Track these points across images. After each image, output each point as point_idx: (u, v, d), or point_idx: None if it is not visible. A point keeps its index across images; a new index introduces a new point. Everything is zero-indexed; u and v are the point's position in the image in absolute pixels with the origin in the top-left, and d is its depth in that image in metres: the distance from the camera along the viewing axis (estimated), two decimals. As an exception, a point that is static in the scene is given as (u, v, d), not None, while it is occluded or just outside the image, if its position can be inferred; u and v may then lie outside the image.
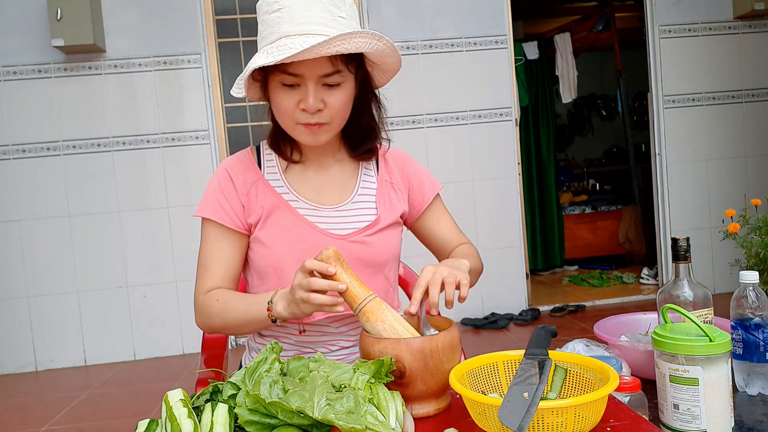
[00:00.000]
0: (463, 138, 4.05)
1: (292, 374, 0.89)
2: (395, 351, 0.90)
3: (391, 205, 1.29)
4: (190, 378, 3.33)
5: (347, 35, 1.05)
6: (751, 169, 4.27)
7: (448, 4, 3.98)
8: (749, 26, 4.22)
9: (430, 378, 0.91)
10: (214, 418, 0.79)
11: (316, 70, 1.10)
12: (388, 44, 1.12)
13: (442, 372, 0.91)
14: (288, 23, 1.08)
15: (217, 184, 1.26)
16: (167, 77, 3.80)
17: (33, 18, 3.66)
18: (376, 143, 1.31)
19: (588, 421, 0.78)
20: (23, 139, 3.72)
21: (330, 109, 1.14)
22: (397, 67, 1.22)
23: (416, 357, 0.90)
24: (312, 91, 1.11)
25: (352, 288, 0.99)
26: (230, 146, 3.94)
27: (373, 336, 0.96)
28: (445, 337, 0.92)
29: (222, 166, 1.28)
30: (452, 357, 0.92)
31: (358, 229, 1.24)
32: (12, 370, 3.75)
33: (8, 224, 3.73)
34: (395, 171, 1.34)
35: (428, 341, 0.91)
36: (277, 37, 1.09)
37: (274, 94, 1.15)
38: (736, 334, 1.03)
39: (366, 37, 1.08)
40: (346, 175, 1.29)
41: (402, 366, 0.90)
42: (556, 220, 5.38)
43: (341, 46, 1.06)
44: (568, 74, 5.22)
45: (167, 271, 3.85)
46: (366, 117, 1.26)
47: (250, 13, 4.00)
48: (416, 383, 0.91)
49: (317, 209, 1.24)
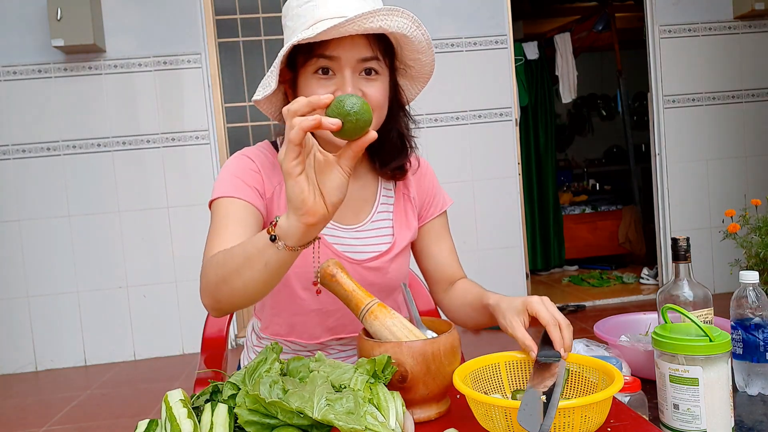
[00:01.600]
0: (463, 138, 4.05)
1: (292, 374, 0.89)
2: (396, 355, 0.88)
3: (408, 224, 1.23)
4: (190, 378, 3.32)
5: (390, 10, 0.99)
6: (751, 169, 4.27)
7: (448, 4, 3.98)
8: (749, 26, 4.22)
9: (432, 381, 0.89)
10: (213, 418, 0.79)
11: (354, 53, 1.03)
12: (425, 35, 1.07)
13: (443, 375, 0.90)
14: (323, 8, 1.02)
15: (238, 167, 1.13)
16: (167, 77, 3.80)
17: (33, 18, 3.66)
18: (407, 161, 1.22)
19: (593, 422, 0.78)
20: (23, 139, 3.72)
21: (369, 100, 1.04)
22: (429, 71, 1.16)
23: (418, 360, 0.88)
24: (350, 77, 1.03)
25: (355, 292, 0.97)
26: (230, 146, 3.94)
27: (376, 338, 0.94)
28: (447, 339, 0.91)
29: (240, 154, 1.17)
30: (453, 360, 0.91)
31: (374, 254, 1.18)
32: (12, 370, 3.75)
33: (8, 224, 3.73)
34: (413, 182, 1.26)
35: (430, 344, 0.89)
36: (312, 23, 1.03)
37: (306, 86, 1.06)
38: (736, 334, 1.03)
39: (407, 19, 1.03)
40: (365, 193, 1.22)
41: (404, 370, 0.88)
42: (556, 221, 5.38)
43: (383, 21, 0.99)
44: (568, 74, 5.21)
45: (167, 271, 3.85)
46: (396, 130, 1.18)
47: (250, 13, 4.00)
48: (418, 387, 0.89)
49: (336, 229, 1.17)
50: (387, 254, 1.19)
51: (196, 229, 3.81)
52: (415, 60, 1.13)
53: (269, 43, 4.03)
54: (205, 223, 1.21)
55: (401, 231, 1.22)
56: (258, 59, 4.02)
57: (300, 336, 1.20)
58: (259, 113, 3.98)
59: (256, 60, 4.03)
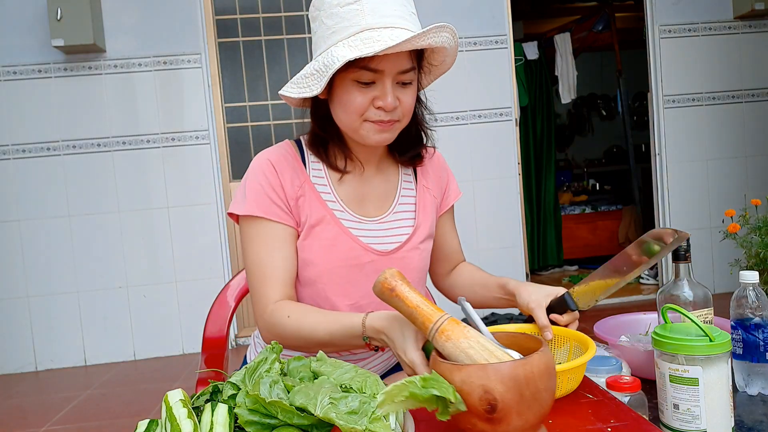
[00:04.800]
0: (463, 138, 4.05)
1: (292, 374, 0.89)
2: (482, 380, 0.74)
3: (429, 213, 1.27)
4: (190, 378, 3.32)
5: (439, 28, 1.03)
6: (751, 169, 4.27)
7: (448, 4, 3.98)
8: (749, 26, 4.22)
9: (527, 410, 0.74)
10: (214, 418, 0.79)
11: (397, 66, 1.06)
12: (457, 41, 1.11)
13: (540, 403, 0.75)
14: (371, 15, 1.03)
15: (263, 177, 1.14)
16: (167, 77, 3.80)
17: (33, 18, 3.66)
18: (423, 148, 1.27)
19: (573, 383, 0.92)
20: (23, 139, 3.72)
21: (403, 107, 1.10)
22: (447, 68, 1.19)
23: (509, 386, 0.73)
24: (390, 88, 1.07)
25: (420, 307, 0.84)
26: (230, 146, 3.94)
27: (453, 360, 0.80)
28: (541, 359, 0.76)
29: (264, 159, 1.17)
30: (549, 383, 0.77)
31: (399, 243, 1.21)
32: (12, 370, 3.75)
33: (8, 224, 3.73)
34: (431, 175, 1.30)
35: (522, 366, 0.74)
36: (358, 30, 1.03)
37: (344, 93, 1.08)
38: (736, 334, 1.03)
39: (449, 33, 1.07)
40: (387, 185, 1.25)
41: (492, 398, 0.73)
42: (556, 220, 5.38)
43: (433, 39, 1.04)
44: (567, 74, 5.21)
45: (167, 271, 3.85)
46: (414, 120, 1.21)
47: (250, 13, 4.00)
48: (511, 418, 0.74)
49: (360, 221, 1.19)
50: (409, 242, 1.22)
51: (196, 229, 3.81)
52: (441, 62, 1.17)
53: (269, 43, 4.03)
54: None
55: (423, 219, 1.25)
56: (258, 59, 4.02)
57: None
58: (260, 114, 3.98)
59: (256, 60, 4.02)
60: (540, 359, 0.76)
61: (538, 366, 0.75)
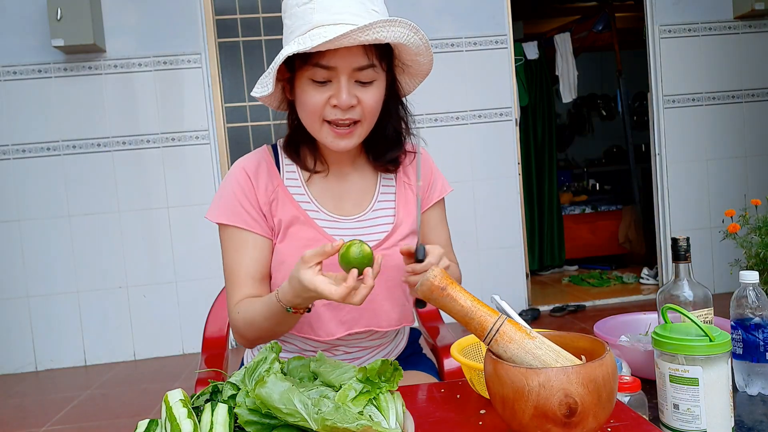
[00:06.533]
0: (463, 138, 4.05)
1: (292, 374, 0.89)
2: (563, 383, 0.70)
3: (412, 211, 1.24)
4: (190, 378, 3.32)
5: (387, 21, 1.01)
6: (751, 169, 4.27)
7: (448, 4, 3.97)
8: (749, 26, 4.22)
9: (602, 412, 0.72)
10: (213, 418, 0.79)
11: (350, 62, 1.05)
12: (423, 39, 1.08)
13: (612, 404, 0.74)
14: (321, 12, 1.03)
15: (237, 186, 1.17)
16: (167, 77, 3.80)
17: (33, 18, 3.66)
18: (401, 153, 1.24)
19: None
20: (23, 139, 3.72)
21: (363, 106, 1.08)
22: (427, 69, 1.16)
23: (590, 389, 0.71)
24: (345, 85, 1.05)
25: (474, 309, 0.79)
26: (230, 146, 3.94)
27: (517, 362, 0.77)
28: (611, 359, 0.75)
29: (239, 167, 1.19)
30: (616, 384, 0.76)
31: (377, 241, 1.19)
32: (12, 370, 3.75)
33: (8, 224, 3.73)
34: (413, 172, 1.28)
35: (599, 367, 0.72)
36: (309, 28, 1.04)
37: (301, 92, 1.09)
38: (736, 334, 1.03)
39: (404, 27, 1.04)
40: (365, 183, 1.24)
41: (572, 401, 0.70)
42: (556, 220, 5.38)
43: (380, 33, 1.01)
44: (568, 74, 5.21)
45: (167, 271, 3.85)
46: (391, 124, 1.20)
47: (250, 13, 4.00)
48: (587, 420, 0.71)
49: (337, 221, 1.19)
50: (388, 239, 1.20)
51: (196, 229, 3.81)
52: (413, 61, 1.15)
53: (269, 43, 4.02)
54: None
55: (405, 216, 1.24)
56: (258, 59, 4.02)
57: (316, 333, 1.19)
58: (260, 113, 3.99)
59: (256, 60, 4.02)
60: (611, 359, 0.74)
61: (611, 366, 0.74)
